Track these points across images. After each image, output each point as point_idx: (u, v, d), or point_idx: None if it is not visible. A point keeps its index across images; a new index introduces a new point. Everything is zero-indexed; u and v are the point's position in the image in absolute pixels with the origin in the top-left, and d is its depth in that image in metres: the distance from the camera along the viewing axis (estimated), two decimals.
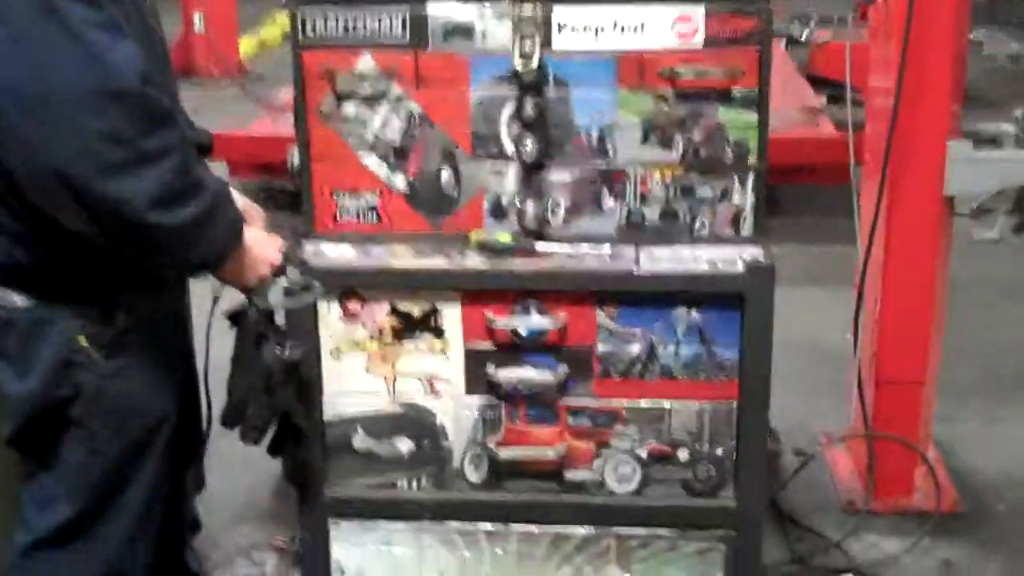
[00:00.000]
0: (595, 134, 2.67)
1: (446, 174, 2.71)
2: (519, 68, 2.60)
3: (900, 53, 3.27)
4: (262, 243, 2.35)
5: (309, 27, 2.64)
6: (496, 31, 2.63)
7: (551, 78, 2.65)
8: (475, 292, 2.67)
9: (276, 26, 10.11)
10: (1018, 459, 4.00)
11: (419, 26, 2.63)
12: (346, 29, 2.64)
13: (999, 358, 4.64)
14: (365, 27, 2.64)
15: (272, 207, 5.82)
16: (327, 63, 2.66)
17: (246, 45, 9.91)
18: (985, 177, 3.53)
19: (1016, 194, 3.58)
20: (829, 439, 3.91)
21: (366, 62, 2.66)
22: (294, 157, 2.75)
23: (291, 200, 2.84)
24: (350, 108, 2.69)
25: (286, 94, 6.42)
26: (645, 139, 2.66)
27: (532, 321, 2.67)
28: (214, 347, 2.46)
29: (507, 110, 2.67)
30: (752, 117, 2.65)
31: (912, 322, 3.62)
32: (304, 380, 2.48)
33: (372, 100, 2.68)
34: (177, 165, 2.08)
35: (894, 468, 3.70)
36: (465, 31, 2.64)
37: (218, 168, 5.59)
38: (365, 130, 2.70)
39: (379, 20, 2.63)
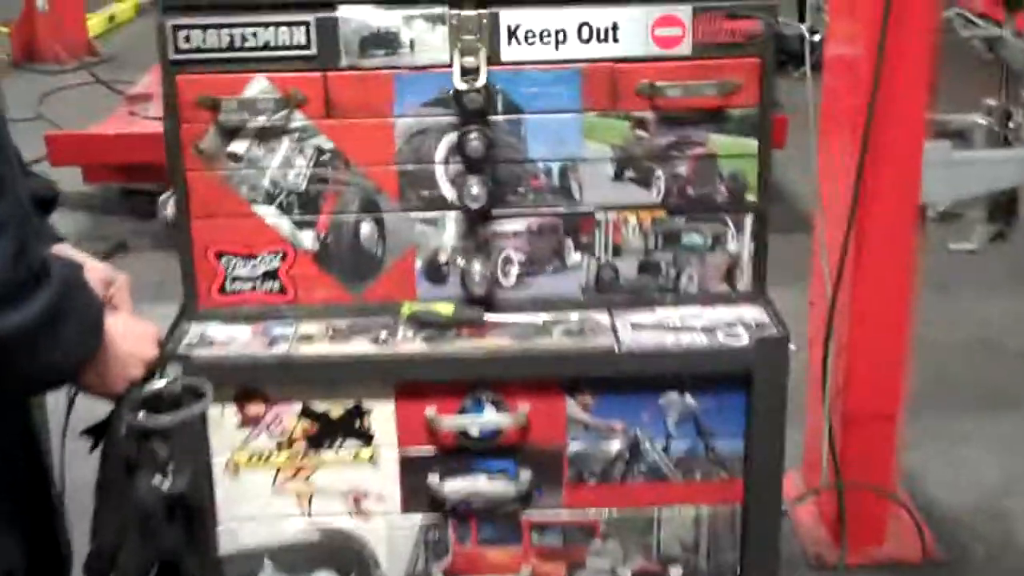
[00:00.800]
0: (556, 171, 2.13)
1: (367, 227, 2.14)
2: (459, 89, 2.04)
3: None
4: (131, 335, 1.78)
5: (182, 41, 2.05)
6: (428, 40, 2.07)
7: (500, 100, 2.10)
8: (411, 383, 2.10)
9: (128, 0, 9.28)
10: (986, 488, 3.63)
11: (327, 36, 2.07)
12: (232, 44, 2.05)
13: (945, 363, 4.24)
14: (256, 40, 2.06)
15: (136, 217, 5.26)
16: (208, 88, 2.07)
17: (95, 23, 9.05)
18: (963, 182, 3.09)
19: (991, 199, 3.15)
20: (798, 495, 3.42)
21: (259, 85, 2.07)
22: (167, 208, 2.15)
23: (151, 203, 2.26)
24: (240, 146, 2.10)
25: (145, 80, 5.77)
26: (618, 175, 2.13)
27: (485, 418, 2.10)
28: (73, 469, 1.86)
29: (444, 143, 2.11)
30: (751, 144, 2.13)
31: (885, 347, 3.17)
32: (193, 514, 1.89)
33: (268, 135, 2.10)
34: (11, 248, 1.48)
35: (866, 515, 3.29)
36: (388, 41, 2.07)
37: (69, 176, 4.85)
38: (260, 174, 2.12)
39: (275, 30, 2.05)
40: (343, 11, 2.06)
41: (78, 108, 5.97)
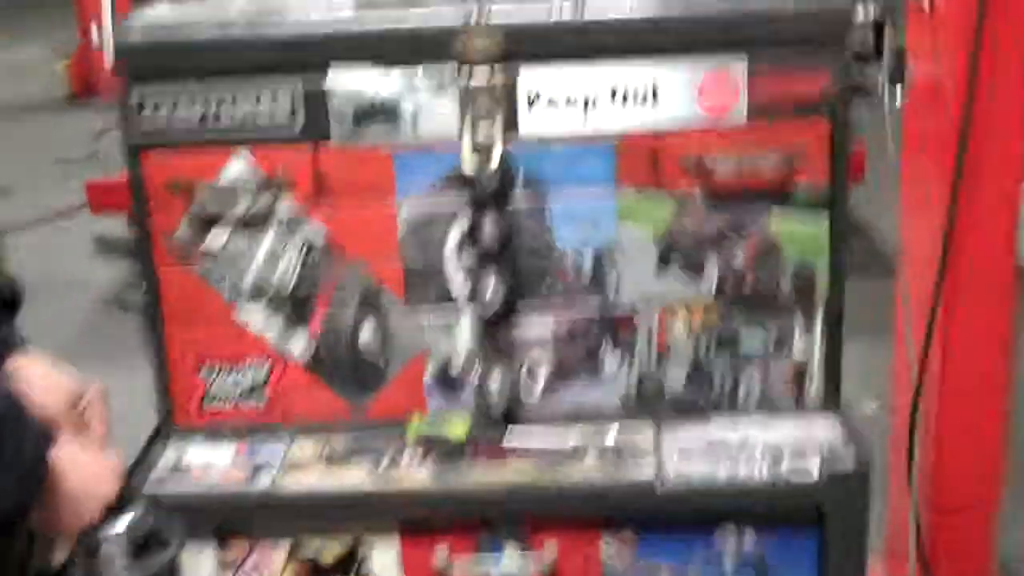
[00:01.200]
0: (588, 261, 1.81)
1: (368, 330, 1.84)
2: (471, 168, 1.73)
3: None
4: (86, 471, 1.48)
5: (149, 115, 1.76)
6: (434, 110, 1.76)
7: (519, 179, 1.79)
8: (418, 520, 1.78)
9: None
10: None
11: (317, 107, 1.76)
12: (206, 117, 1.76)
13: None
14: (234, 113, 1.76)
15: None
16: (179, 171, 1.78)
17: None
18: None
19: None
20: None
21: (238, 166, 1.78)
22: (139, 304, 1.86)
23: None
24: (218, 237, 1.81)
25: None
26: (662, 266, 1.81)
27: (505, 562, 1.76)
28: None
29: (455, 232, 1.80)
30: (821, 227, 1.79)
31: (981, 424, 2.79)
32: None
33: (251, 224, 1.81)
34: None
35: None
36: (387, 112, 1.76)
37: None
38: (243, 270, 1.82)
39: (255, 101, 1.75)
40: (334, 76, 1.76)
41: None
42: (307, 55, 1.77)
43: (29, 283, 1.66)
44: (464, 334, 1.85)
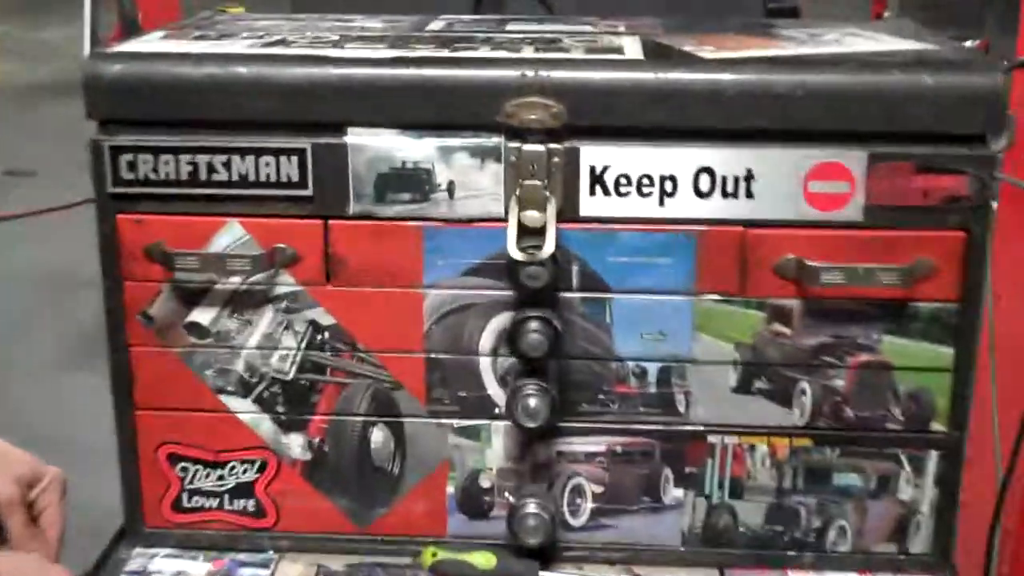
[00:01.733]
0: (653, 374, 1.52)
1: (380, 435, 1.57)
2: (517, 254, 1.45)
3: None
4: None
5: (126, 169, 1.48)
6: (474, 183, 1.47)
7: (575, 272, 1.50)
8: None
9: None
10: None
11: (331, 171, 1.47)
12: (196, 176, 1.47)
13: None
14: (230, 172, 1.47)
15: None
16: (160, 234, 1.50)
17: None
18: None
19: None
20: None
21: (232, 234, 1.50)
22: None
23: None
24: (204, 315, 1.53)
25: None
26: (743, 386, 1.51)
27: None
28: None
29: (493, 327, 1.52)
30: (943, 353, 1.49)
31: None
32: None
33: (245, 302, 1.53)
34: None
35: None
36: (417, 182, 1.47)
37: None
38: (233, 355, 1.55)
39: (255, 160, 1.46)
40: (354, 137, 1.48)
41: None
42: (324, 107, 1.48)
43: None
44: (497, 448, 1.59)
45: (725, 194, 1.46)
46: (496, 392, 1.54)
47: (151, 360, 1.55)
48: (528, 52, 1.53)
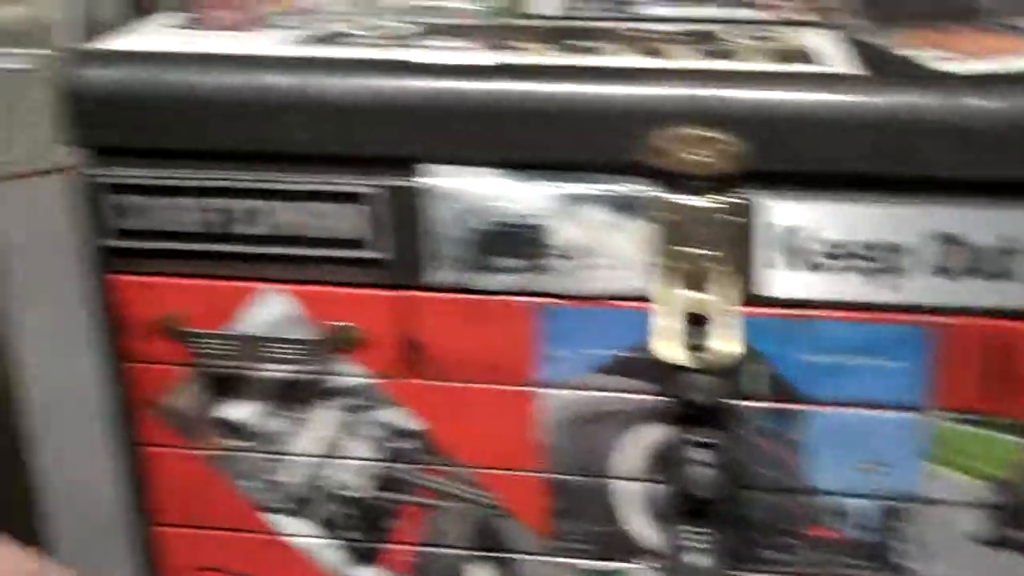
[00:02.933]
0: (861, 515, 1.16)
1: (482, 572, 1.26)
2: (668, 349, 1.11)
3: None
4: None
5: (128, 216, 1.14)
6: (607, 244, 1.11)
7: (760, 376, 1.13)
8: None
9: None
10: None
11: (407, 223, 1.13)
12: (226, 224, 1.15)
13: None
14: (272, 221, 1.14)
15: None
16: (171, 306, 1.20)
17: None
18: None
19: None
20: None
21: (275, 304, 1.19)
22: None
23: None
24: (240, 409, 1.24)
25: None
26: (997, 538, 1.16)
27: None
28: None
29: (636, 443, 1.18)
30: None
31: None
32: None
33: (293, 396, 1.23)
34: None
35: None
36: (524, 241, 1.11)
37: None
38: (280, 462, 1.26)
39: (304, 206, 1.14)
40: (437, 178, 1.14)
41: None
42: (393, 136, 1.13)
43: None
44: None
45: (976, 272, 1.08)
46: (639, 526, 1.21)
47: (172, 464, 1.25)
48: (683, 57, 1.15)
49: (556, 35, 1.19)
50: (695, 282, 1.08)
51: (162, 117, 1.12)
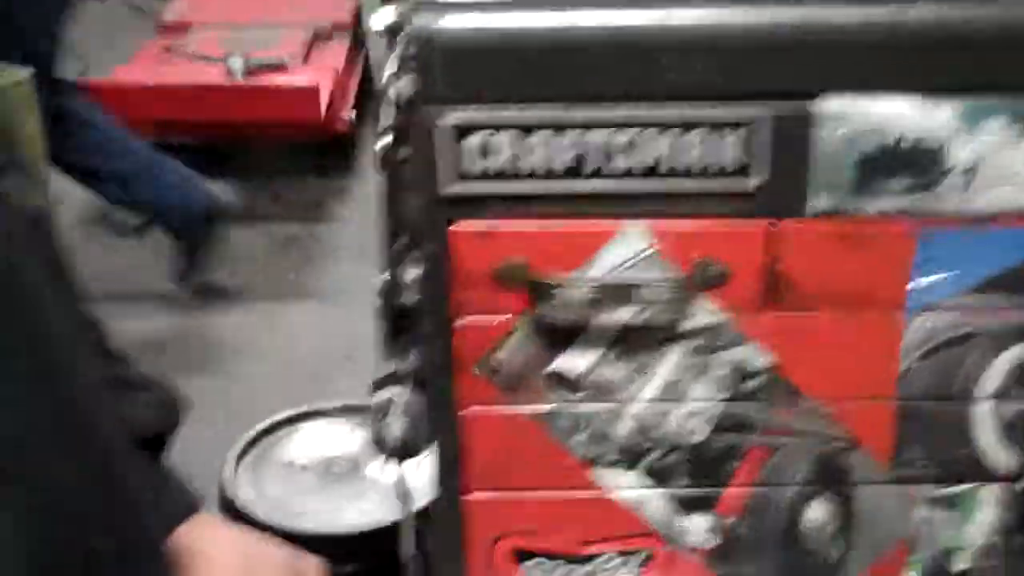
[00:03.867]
0: None
1: (819, 510, 1.16)
2: None
3: None
4: None
5: (474, 158, 1.01)
6: (1004, 162, 1.03)
7: None
8: None
9: None
10: None
11: (791, 150, 1.02)
12: (581, 163, 1.03)
13: None
14: (629, 156, 1.02)
15: None
16: (516, 252, 1.07)
17: None
18: None
19: None
20: None
21: (628, 245, 1.07)
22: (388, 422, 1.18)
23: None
24: (579, 360, 1.09)
25: (178, 5, 4.49)
26: None
27: None
28: None
29: (1003, 362, 1.11)
30: None
31: None
32: None
33: (642, 342, 1.10)
34: None
35: None
36: (919, 163, 1.02)
37: None
38: (616, 412, 1.12)
39: (670, 138, 1.01)
40: (830, 103, 1.06)
41: (96, 31, 4.54)
42: (789, 68, 1.04)
43: None
44: (983, 520, 1.21)
45: None
46: (992, 447, 1.16)
47: (492, 425, 1.12)
48: None
49: None
50: None
51: (521, 62, 0.99)
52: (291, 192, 4.16)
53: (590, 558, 1.16)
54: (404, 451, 1.28)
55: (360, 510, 2.15)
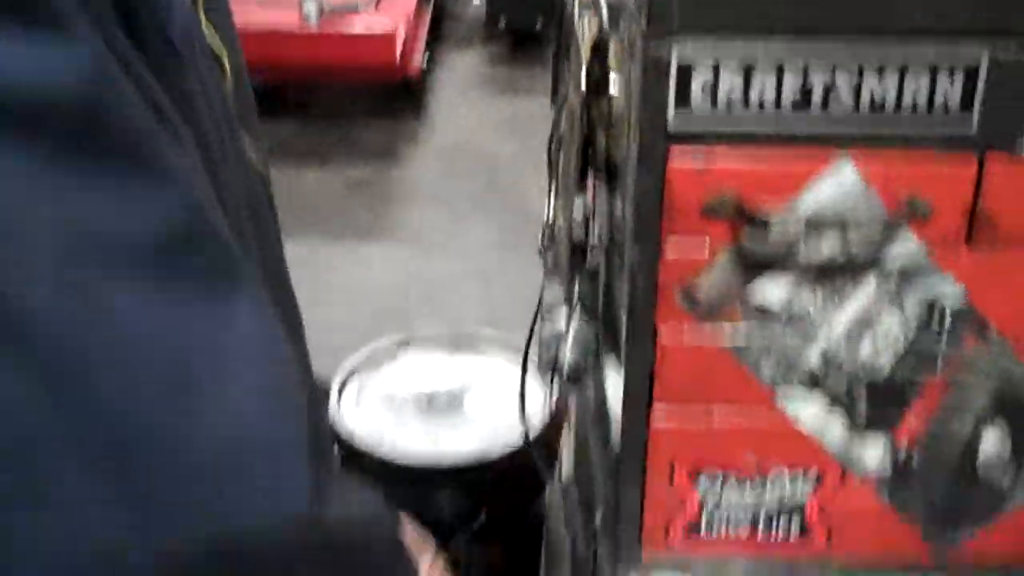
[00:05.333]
0: None
1: (994, 439, 1.13)
2: None
3: None
4: None
5: (699, 95, 1.00)
6: None
7: None
8: None
9: None
10: None
11: (1012, 91, 1.00)
12: (805, 99, 1.00)
13: None
14: (858, 92, 0.99)
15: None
16: (730, 185, 1.04)
17: None
18: None
19: None
20: None
21: (841, 181, 1.03)
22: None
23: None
24: (779, 290, 1.08)
25: None
26: None
27: None
28: None
29: None
30: None
31: None
32: None
33: (840, 273, 1.09)
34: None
35: None
36: None
37: None
38: (807, 341, 1.11)
39: (902, 77, 1.00)
40: None
41: None
42: (999, 6, 0.99)
43: None
44: None
45: None
46: None
47: (687, 352, 1.12)
48: None
49: None
50: None
51: None
52: (363, 135, 4.14)
53: (764, 479, 1.16)
54: (575, 376, 1.28)
55: (464, 441, 2.15)
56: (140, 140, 0.63)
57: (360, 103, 4.21)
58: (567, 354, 1.26)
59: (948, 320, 1.09)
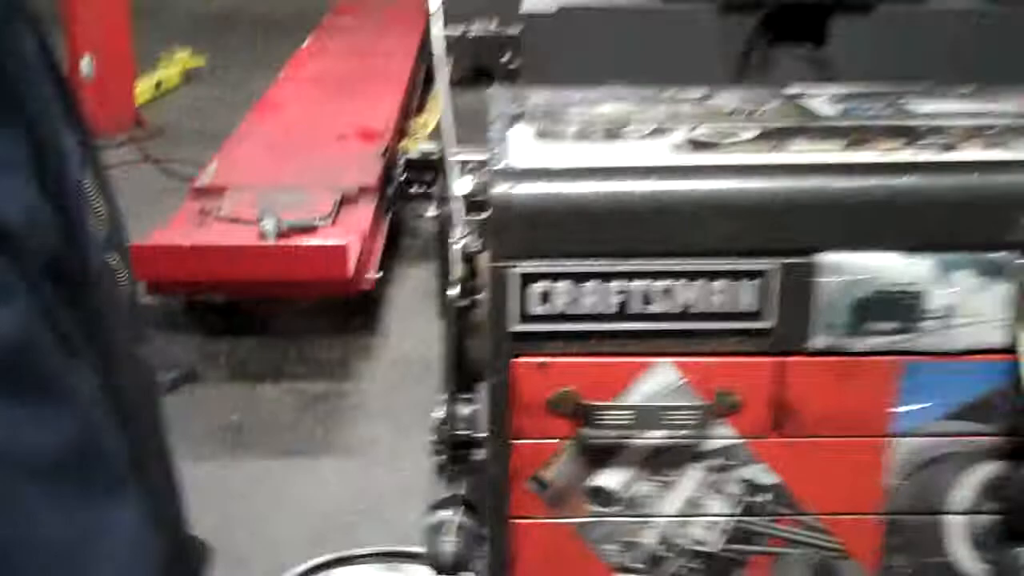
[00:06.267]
0: None
1: None
2: None
3: None
4: None
5: (536, 302, 1.14)
6: (975, 308, 1.16)
7: None
8: None
9: (174, 64, 7.71)
10: None
11: (796, 296, 1.15)
12: (625, 306, 1.15)
13: None
14: (665, 302, 1.14)
15: (205, 334, 4.30)
16: (567, 383, 1.17)
17: (141, 91, 7.31)
18: None
19: None
20: None
21: (662, 378, 1.17)
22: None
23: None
24: (616, 477, 1.18)
25: (211, 167, 4.59)
26: None
27: None
28: None
29: (970, 482, 1.22)
30: None
31: None
32: None
33: (667, 462, 1.20)
34: None
35: None
36: (903, 307, 1.15)
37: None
38: (643, 526, 1.22)
39: (700, 286, 1.14)
40: (830, 256, 1.20)
41: (130, 193, 4.76)
42: (795, 228, 1.15)
43: None
44: None
45: None
46: (965, 557, 1.27)
47: (537, 536, 1.23)
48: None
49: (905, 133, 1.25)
50: None
51: (579, 223, 1.14)
52: (318, 351, 4.26)
53: None
54: (456, 567, 1.39)
55: None
56: (52, 375, 0.78)
57: (319, 319, 4.35)
58: (447, 545, 1.37)
59: (765, 501, 1.21)
